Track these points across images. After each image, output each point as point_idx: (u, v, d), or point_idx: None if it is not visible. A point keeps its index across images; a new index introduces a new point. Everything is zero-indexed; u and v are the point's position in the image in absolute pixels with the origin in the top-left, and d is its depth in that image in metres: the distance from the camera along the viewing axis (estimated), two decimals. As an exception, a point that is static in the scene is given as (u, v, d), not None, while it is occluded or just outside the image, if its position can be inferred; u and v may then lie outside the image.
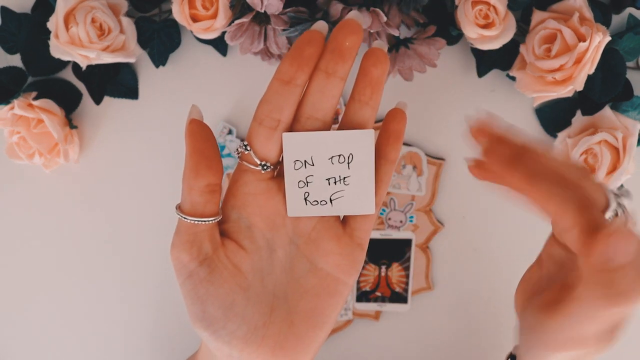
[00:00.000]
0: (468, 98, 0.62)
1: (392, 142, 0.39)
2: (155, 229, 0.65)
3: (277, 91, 0.37)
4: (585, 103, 0.59)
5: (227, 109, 0.63)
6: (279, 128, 0.38)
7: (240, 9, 0.55)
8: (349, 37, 0.36)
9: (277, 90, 0.37)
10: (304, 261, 0.40)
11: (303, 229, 0.40)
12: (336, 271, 0.40)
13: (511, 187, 0.35)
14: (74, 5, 0.55)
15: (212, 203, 0.38)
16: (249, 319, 0.38)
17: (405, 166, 0.63)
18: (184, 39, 0.60)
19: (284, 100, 0.37)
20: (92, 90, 0.60)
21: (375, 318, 0.67)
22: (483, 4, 0.53)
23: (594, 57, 0.53)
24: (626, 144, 0.57)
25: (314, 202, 0.40)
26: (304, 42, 0.36)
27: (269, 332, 0.38)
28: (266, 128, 0.37)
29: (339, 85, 0.37)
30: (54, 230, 0.66)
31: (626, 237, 0.30)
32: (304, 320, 0.39)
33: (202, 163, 0.37)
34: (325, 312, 0.40)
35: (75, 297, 0.67)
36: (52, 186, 0.65)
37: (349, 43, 0.36)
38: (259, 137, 0.38)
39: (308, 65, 0.36)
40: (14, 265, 0.66)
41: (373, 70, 0.37)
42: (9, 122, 0.59)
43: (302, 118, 0.38)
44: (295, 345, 0.39)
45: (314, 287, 0.40)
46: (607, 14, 0.57)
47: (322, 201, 0.40)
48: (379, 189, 0.40)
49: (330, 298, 0.40)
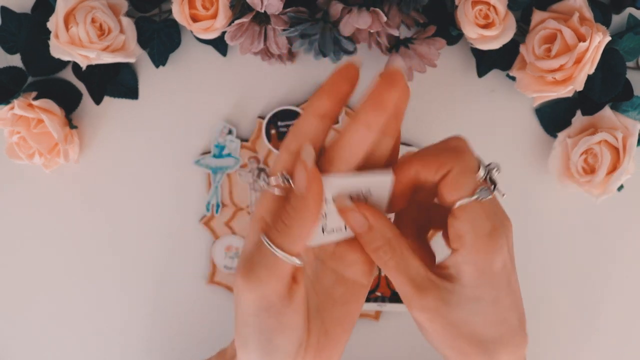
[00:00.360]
0: (468, 98, 0.62)
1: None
2: (155, 229, 0.65)
3: (311, 123, 0.38)
4: (585, 103, 0.59)
5: (227, 109, 0.63)
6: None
7: (240, 9, 0.55)
8: (395, 94, 0.37)
9: (311, 123, 0.38)
10: (329, 273, 0.43)
11: (327, 247, 0.43)
12: (361, 277, 0.43)
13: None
14: (74, 5, 0.55)
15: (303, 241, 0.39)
16: (297, 337, 0.40)
17: (405, 166, 0.63)
18: (184, 39, 0.60)
19: (317, 134, 0.38)
20: (92, 90, 0.60)
21: (375, 318, 0.67)
22: (483, 4, 0.53)
23: (594, 57, 0.53)
24: (626, 144, 0.57)
25: (329, 230, 0.41)
26: (341, 78, 0.37)
27: (309, 343, 0.41)
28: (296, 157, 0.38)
29: (376, 136, 0.38)
30: (53, 230, 0.65)
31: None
32: (336, 327, 0.43)
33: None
34: (354, 316, 0.44)
35: (75, 297, 0.67)
36: (52, 186, 0.65)
37: (394, 100, 0.37)
38: (287, 166, 0.39)
39: (344, 101, 0.38)
40: (14, 265, 0.66)
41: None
42: (9, 122, 0.59)
43: (334, 159, 0.39)
44: (330, 350, 0.43)
45: (342, 295, 0.43)
46: (607, 14, 0.57)
47: (337, 228, 0.42)
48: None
49: (357, 302, 0.44)
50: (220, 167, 0.63)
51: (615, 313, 0.66)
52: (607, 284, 0.65)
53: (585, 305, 0.66)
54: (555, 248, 0.65)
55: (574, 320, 0.66)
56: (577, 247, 0.65)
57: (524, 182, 0.63)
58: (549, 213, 0.64)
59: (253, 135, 0.63)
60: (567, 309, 0.66)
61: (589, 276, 0.65)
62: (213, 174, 0.64)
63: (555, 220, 0.64)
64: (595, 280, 0.65)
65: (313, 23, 0.52)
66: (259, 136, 0.63)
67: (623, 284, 0.65)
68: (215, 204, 0.64)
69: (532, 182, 0.63)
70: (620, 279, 0.65)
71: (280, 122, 0.62)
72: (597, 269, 0.65)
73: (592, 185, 0.57)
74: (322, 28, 0.53)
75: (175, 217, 0.65)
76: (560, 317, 0.60)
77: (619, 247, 0.65)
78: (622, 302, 0.66)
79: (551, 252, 0.65)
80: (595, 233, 0.64)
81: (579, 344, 0.66)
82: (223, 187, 0.64)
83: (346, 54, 0.54)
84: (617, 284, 0.65)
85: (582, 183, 0.58)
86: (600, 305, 0.66)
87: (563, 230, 0.64)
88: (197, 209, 0.65)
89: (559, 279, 0.65)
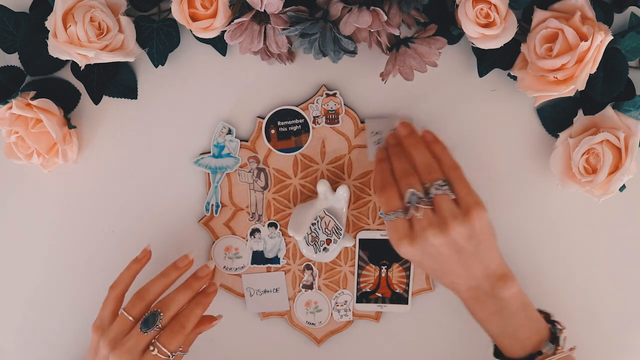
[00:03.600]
0: (469, 98, 0.62)
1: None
2: (155, 229, 0.65)
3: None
4: (587, 103, 0.58)
5: (227, 108, 0.62)
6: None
7: (239, 8, 0.55)
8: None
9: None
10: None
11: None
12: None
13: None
14: (72, 4, 0.55)
15: None
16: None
17: (405, 166, 0.63)
18: (183, 38, 0.60)
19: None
20: (91, 89, 0.60)
21: (375, 319, 0.67)
22: (484, 3, 0.53)
23: (596, 57, 0.53)
24: (628, 144, 0.56)
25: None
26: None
27: None
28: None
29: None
30: (52, 231, 0.65)
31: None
32: None
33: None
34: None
35: (75, 296, 0.67)
36: (50, 186, 0.64)
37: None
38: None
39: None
40: (13, 265, 0.66)
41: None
42: (7, 121, 0.59)
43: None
44: None
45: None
46: (609, 13, 0.56)
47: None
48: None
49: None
50: (219, 167, 0.63)
51: (616, 313, 0.66)
52: (608, 284, 0.65)
53: (586, 305, 0.66)
54: (556, 248, 0.64)
55: (574, 320, 0.66)
56: (577, 247, 0.64)
57: (524, 182, 0.63)
58: (550, 213, 0.64)
59: (253, 135, 0.63)
60: (567, 308, 0.65)
61: (589, 276, 0.65)
62: (212, 174, 0.63)
63: (556, 220, 0.64)
64: (595, 280, 0.65)
65: (313, 22, 0.52)
66: (258, 136, 0.62)
67: (624, 284, 0.65)
68: (214, 204, 0.64)
69: (533, 182, 0.63)
70: (622, 279, 0.65)
71: (280, 122, 0.62)
72: (597, 269, 0.65)
73: (593, 186, 0.57)
74: (322, 27, 0.52)
75: (175, 218, 0.65)
76: (561, 317, 0.60)
77: (620, 247, 0.64)
78: (623, 302, 0.65)
79: (552, 252, 0.65)
80: (596, 233, 0.64)
81: (578, 343, 0.66)
82: (222, 187, 0.64)
83: (346, 53, 0.54)
84: (618, 284, 0.65)
85: (584, 183, 0.58)
86: (600, 305, 0.66)
87: (564, 230, 0.64)
88: (197, 209, 0.65)
89: (559, 279, 0.65)
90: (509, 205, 0.64)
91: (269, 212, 0.64)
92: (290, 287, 0.66)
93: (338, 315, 0.67)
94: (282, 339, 0.68)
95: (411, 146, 0.57)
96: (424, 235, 0.53)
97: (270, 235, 0.65)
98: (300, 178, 0.64)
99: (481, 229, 0.54)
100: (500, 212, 0.63)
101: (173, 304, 0.56)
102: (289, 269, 0.66)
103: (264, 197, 0.64)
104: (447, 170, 0.55)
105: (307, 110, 0.62)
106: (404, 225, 0.54)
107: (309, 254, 0.63)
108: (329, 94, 0.61)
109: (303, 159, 0.63)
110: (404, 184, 0.55)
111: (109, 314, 0.58)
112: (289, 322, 0.67)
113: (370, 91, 0.61)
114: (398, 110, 0.62)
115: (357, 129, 0.62)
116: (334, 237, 0.62)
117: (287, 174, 0.64)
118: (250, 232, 0.65)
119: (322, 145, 0.63)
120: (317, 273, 0.66)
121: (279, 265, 0.66)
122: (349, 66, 0.61)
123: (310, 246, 0.62)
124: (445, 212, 0.53)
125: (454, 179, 0.55)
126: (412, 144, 0.57)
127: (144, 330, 0.55)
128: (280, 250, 0.65)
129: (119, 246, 0.65)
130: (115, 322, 0.56)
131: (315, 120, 0.62)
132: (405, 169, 0.56)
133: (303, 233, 0.61)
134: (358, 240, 0.65)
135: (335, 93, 0.61)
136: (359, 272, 0.66)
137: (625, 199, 0.61)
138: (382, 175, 0.57)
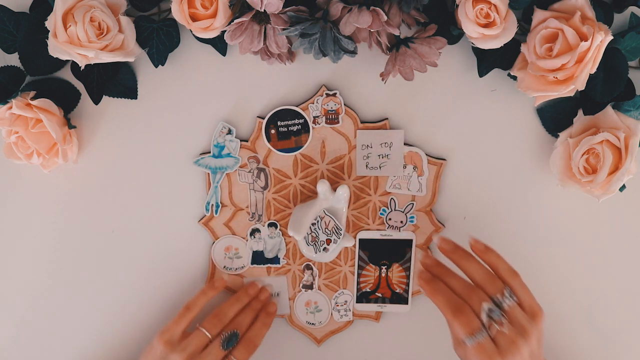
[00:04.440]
0: (469, 98, 0.62)
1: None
2: (154, 229, 0.65)
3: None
4: (587, 103, 0.58)
5: (227, 108, 0.62)
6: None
7: (239, 8, 0.55)
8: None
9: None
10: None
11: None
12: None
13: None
14: (72, 4, 0.55)
15: None
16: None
17: (405, 166, 0.63)
18: (183, 38, 0.60)
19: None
20: (91, 89, 0.60)
21: (375, 319, 0.67)
22: (484, 3, 0.53)
23: (596, 57, 0.53)
24: (628, 144, 0.56)
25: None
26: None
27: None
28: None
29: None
30: (52, 231, 0.65)
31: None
32: None
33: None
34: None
35: (74, 296, 0.67)
36: (50, 186, 0.64)
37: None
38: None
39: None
40: (13, 265, 0.66)
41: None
42: (7, 121, 0.59)
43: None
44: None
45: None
46: (609, 13, 0.56)
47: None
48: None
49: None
50: (219, 167, 0.63)
51: (615, 313, 0.66)
52: (608, 284, 0.65)
53: (586, 305, 0.66)
54: (556, 248, 0.64)
55: (574, 320, 0.66)
56: (577, 247, 0.64)
57: (525, 182, 0.63)
58: (550, 213, 0.64)
59: (253, 135, 0.63)
60: (567, 308, 0.65)
61: (589, 276, 0.65)
62: (212, 174, 0.63)
63: (556, 220, 0.64)
64: (595, 280, 0.65)
65: (313, 22, 0.52)
66: (258, 136, 0.62)
67: (623, 284, 0.65)
68: (214, 204, 0.64)
69: (533, 182, 0.63)
70: (621, 279, 0.65)
71: (280, 122, 0.62)
72: (597, 269, 0.65)
73: (593, 186, 0.57)
74: (322, 27, 0.52)
75: (175, 218, 0.65)
76: (561, 317, 0.60)
77: (620, 247, 0.64)
78: (622, 302, 0.65)
79: (552, 251, 0.65)
80: (596, 233, 0.64)
81: (578, 343, 0.66)
82: (222, 187, 0.64)
83: (346, 53, 0.54)
84: (618, 284, 0.65)
85: (584, 183, 0.58)
86: (600, 305, 0.66)
87: (563, 230, 0.64)
88: (196, 209, 0.65)
89: (559, 279, 0.65)
90: (509, 205, 0.64)
91: (269, 212, 0.64)
92: (291, 287, 0.66)
93: (338, 315, 0.67)
94: (282, 339, 0.68)
95: (462, 260, 0.57)
96: (513, 348, 0.52)
97: (270, 235, 0.65)
98: (300, 178, 0.64)
99: (542, 331, 0.55)
100: (500, 211, 0.63)
101: (243, 325, 0.64)
102: (289, 269, 0.66)
103: (264, 197, 0.64)
104: (507, 278, 0.55)
105: (307, 110, 0.62)
106: (489, 344, 0.53)
107: (309, 254, 0.63)
108: (329, 94, 0.61)
109: (303, 159, 0.63)
110: (475, 301, 0.54)
111: (181, 331, 0.62)
112: (289, 322, 0.67)
113: (370, 91, 0.61)
114: (398, 110, 0.62)
115: (357, 129, 0.62)
116: (334, 237, 0.62)
117: (287, 174, 0.64)
118: (250, 232, 0.65)
119: (322, 145, 0.63)
120: (317, 273, 0.66)
121: (279, 265, 0.66)
122: (349, 66, 0.61)
123: (310, 246, 0.62)
124: (522, 320, 0.53)
125: (517, 286, 0.55)
126: (462, 258, 0.57)
127: (226, 347, 0.62)
128: (280, 250, 0.65)
129: (119, 246, 0.65)
130: (192, 339, 0.62)
131: (315, 120, 0.62)
132: (467, 285, 0.55)
133: (303, 233, 0.61)
134: (358, 240, 0.65)
135: (335, 93, 0.61)
136: (359, 272, 0.66)
137: (625, 199, 0.61)
138: (447, 296, 0.55)
